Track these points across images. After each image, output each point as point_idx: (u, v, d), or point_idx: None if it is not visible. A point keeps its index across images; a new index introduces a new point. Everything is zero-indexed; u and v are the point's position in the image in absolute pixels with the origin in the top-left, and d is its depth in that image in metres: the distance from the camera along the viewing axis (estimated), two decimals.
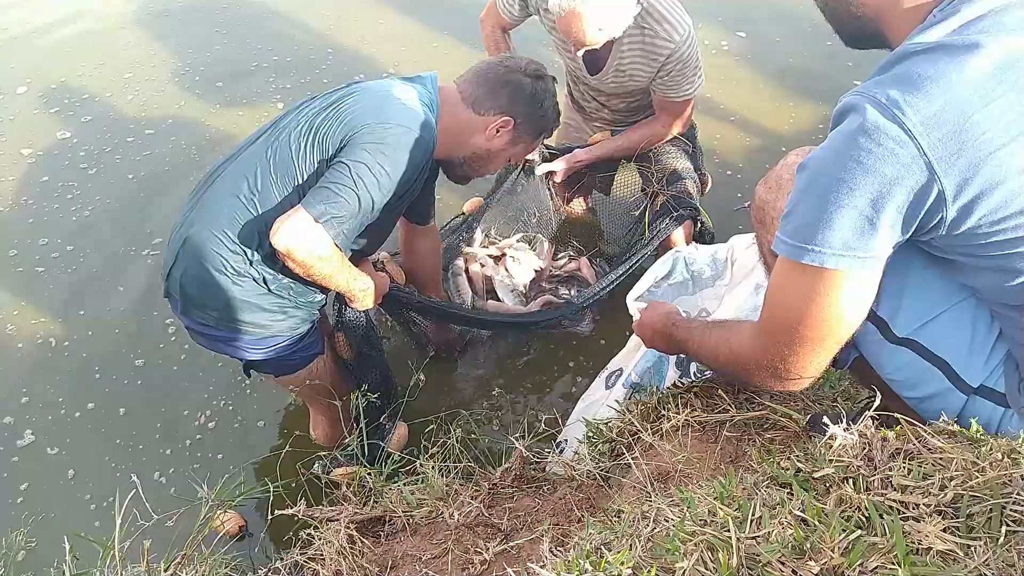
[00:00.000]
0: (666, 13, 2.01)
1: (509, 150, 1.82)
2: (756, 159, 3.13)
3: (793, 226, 0.96)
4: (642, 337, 1.52)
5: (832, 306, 0.97)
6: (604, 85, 2.25)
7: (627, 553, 0.94)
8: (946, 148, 0.85)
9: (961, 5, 0.90)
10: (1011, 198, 0.88)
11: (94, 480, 2.17)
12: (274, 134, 1.65)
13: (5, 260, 2.79)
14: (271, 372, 1.87)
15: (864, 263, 0.93)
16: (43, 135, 3.32)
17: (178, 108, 3.49)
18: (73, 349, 2.52)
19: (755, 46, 3.74)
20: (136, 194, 3.06)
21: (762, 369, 1.09)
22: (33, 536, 1.86)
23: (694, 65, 2.10)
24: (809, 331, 1.00)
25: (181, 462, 2.20)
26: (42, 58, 3.78)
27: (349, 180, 1.52)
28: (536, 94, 1.75)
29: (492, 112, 1.73)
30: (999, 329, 1.07)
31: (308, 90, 3.51)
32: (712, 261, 1.81)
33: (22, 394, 2.38)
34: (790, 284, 1.00)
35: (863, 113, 0.88)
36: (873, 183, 0.88)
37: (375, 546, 1.50)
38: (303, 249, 1.50)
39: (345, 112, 1.60)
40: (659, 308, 1.49)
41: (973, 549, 0.81)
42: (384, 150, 1.54)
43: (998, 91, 0.85)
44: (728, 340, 1.18)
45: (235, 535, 1.90)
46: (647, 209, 2.40)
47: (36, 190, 3.06)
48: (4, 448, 2.24)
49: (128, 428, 2.29)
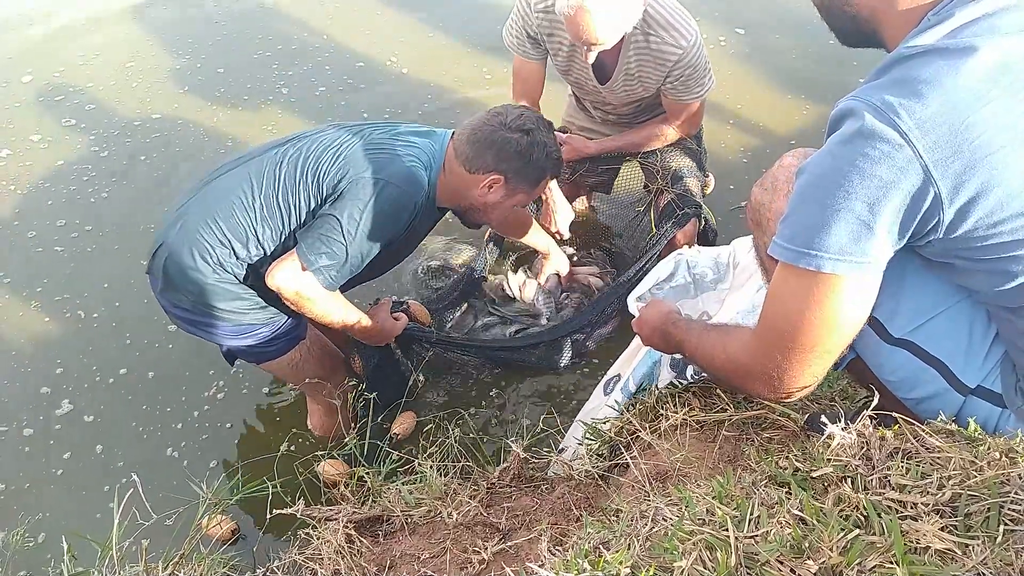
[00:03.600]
0: (672, 20, 2.01)
1: (507, 202, 1.87)
2: (753, 158, 3.12)
3: (790, 231, 0.96)
4: (640, 334, 1.51)
5: (828, 312, 0.96)
6: (614, 94, 2.24)
7: (625, 552, 0.94)
8: (942, 151, 0.85)
9: (955, 9, 0.91)
10: (1007, 201, 0.88)
11: (123, 449, 2.24)
12: (290, 151, 1.73)
13: (24, 241, 2.86)
14: (252, 360, 1.91)
15: (861, 268, 0.93)
16: (50, 122, 3.38)
17: (182, 92, 3.54)
18: (102, 320, 2.58)
19: (754, 44, 3.74)
20: (150, 173, 3.14)
21: (756, 377, 1.09)
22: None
23: (703, 69, 2.10)
24: (804, 338, 0.99)
25: (193, 435, 2.27)
26: (43, 47, 3.82)
27: (339, 235, 1.63)
28: (523, 150, 1.76)
29: (481, 171, 1.77)
30: (996, 330, 1.07)
31: (312, 79, 3.58)
32: (714, 264, 1.81)
33: (56, 365, 2.45)
34: (787, 289, 0.99)
35: (860, 118, 0.88)
36: (870, 187, 0.88)
37: (373, 545, 1.50)
38: (292, 291, 1.66)
39: (347, 157, 1.69)
40: (659, 307, 1.49)
41: (971, 548, 0.81)
42: (373, 207, 1.64)
43: (993, 94, 0.85)
44: (725, 344, 1.17)
45: (228, 540, 1.90)
46: (651, 207, 2.41)
47: (52, 173, 3.13)
48: (44, 418, 2.31)
49: (156, 392, 2.38)
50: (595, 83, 2.23)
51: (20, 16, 4.04)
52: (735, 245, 1.85)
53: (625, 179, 2.59)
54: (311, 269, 1.63)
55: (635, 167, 2.51)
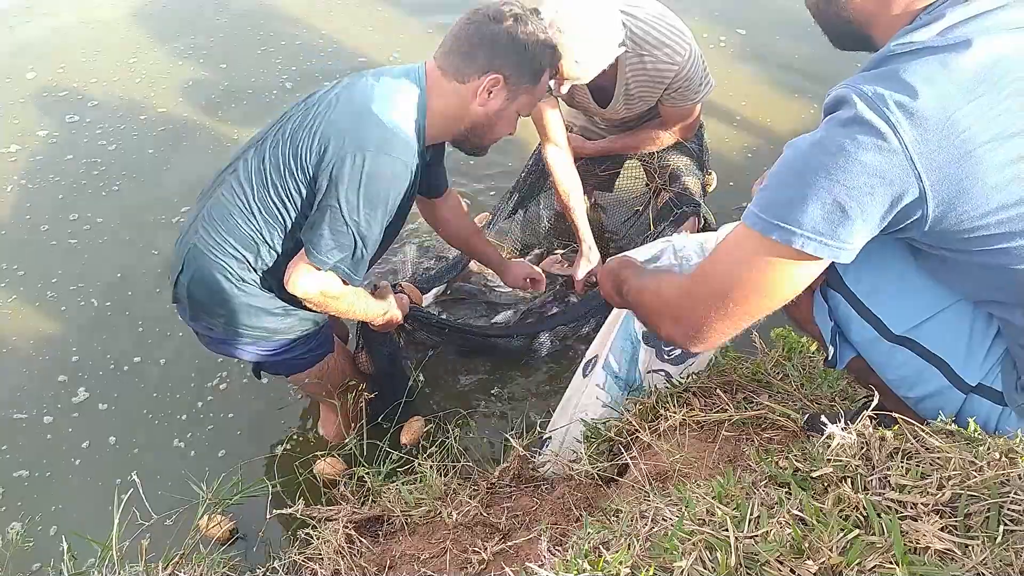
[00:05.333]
0: (663, 38, 1.99)
1: (511, 107, 1.66)
2: (754, 157, 3.13)
3: (767, 201, 0.97)
4: (601, 284, 1.49)
5: (772, 282, 0.98)
6: (618, 114, 2.25)
7: (625, 552, 0.94)
8: (928, 144, 0.86)
9: (946, 9, 0.92)
10: (991, 194, 0.89)
11: (136, 438, 2.28)
12: (268, 143, 1.63)
13: (38, 235, 2.89)
14: (282, 372, 1.89)
15: (829, 250, 0.93)
16: (56, 117, 3.41)
17: (186, 88, 3.57)
18: (116, 309, 2.63)
19: (754, 43, 3.74)
20: (159, 166, 3.18)
21: (677, 320, 1.11)
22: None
23: (699, 77, 2.09)
24: (740, 299, 1.01)
25: (201, 423, 2.31)
26: (45, 44, 3.84)
27: (342, 224, 1.52)
28: (516, 36, 1.56)
29: (477, 75, 1.57)
30: (997, 327, 1.07)
31: (316, 73, 3.59)
32: (700, 248, 1.81)
33: (72, 353, 2.50)
34: (742, 253, 1.00)
35: (852, 105, 0.90)
36: (852, 172, 0.89)
37: (373, 545, 1.50)
38: (316, 294, 1.59)
39: (322, 132, 1.54)
40: (622, 258, 1.49)
41: (971, 548, 0.81)
42: (367, 183, 1.50)
43: (980, 89, 0.87)
44: (659, 284, 1.18)
45: (227, 540, 1.90)
46: (650, 204, 2.41)
47: (62, 168, 3.16)
48: (62, 406, 2.35)
49: (166, 380, 2.43)
50: (597, 107, 2.25)
51: (21, 11, 4.05)
52: (723, 231, 1.85)
53: (626, 178, 2.60)
54: (327, 269, 1.55)
55: (637, 166, 2.52)
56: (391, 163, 1.52)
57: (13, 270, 2.75)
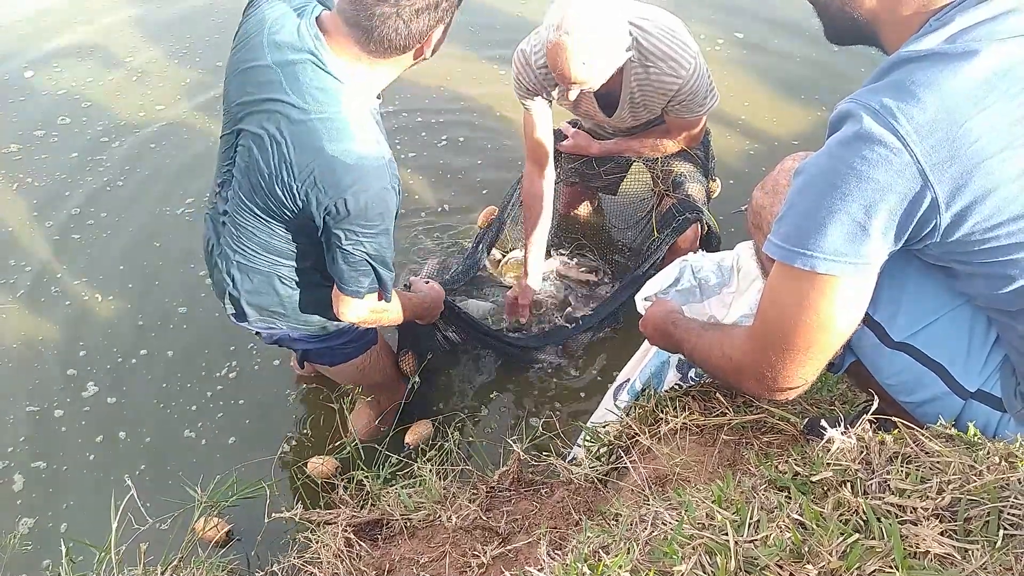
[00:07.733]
0: (668, 51, 1.99)
1: (439, 43, 1.53)
2: (753, 162, 3.13)
3: (786, 230, 0.97)
4: (644, 332, 1.54)
5: (821, 312, 0.97)
6: (624, 122, 2.25)
7: (625, 557, 0.94)
8: (939, 155, 0.86)
9: (956, 14, 0.91)
10: (1003, 205, 0.88)
11: (144, 431, 2.30)
12: (232, 188, 1.60)
13: (43, 231, 2.92)
14: (327, 362, 1.94)
15: (856, 269, 0.93)
16: (55, 116, 3.42)
17: (183, 86, 3.59)
18: (120, 303, 2.66)
19: (754, 47, 3.74)
20: (163, 161, 3.21)
21: (750, 375, 1.09)
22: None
23: (704, 90, 2.09)
24: (798, 337, 1.00)
25: (209, 414, 2.34)
26: (41, 43, 3.85)
27: (355, 258, 1.54)
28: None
29: (421, 38, 1.44)
30: (996, 334, 1.07)
31: None
32: (718, 269, 1.81)
33: (80, 347, 2.52)
34: (782, 289, 1.00)
35: (859, 121, 0.89)
36: (866, 189, 0.88)
37: (372, 549, 1.50)
38: (366, 316, 1.70)
39: (284, 173, 1.46)
40: (663, 306, 1.50)
41: (971, 553, 0.81)
42: (362, 218, 1.48)
43: (991, 98, 0.86)
44: (721, 343, 1.18)
45: (223, 542, 1.90)
46: (653, 210, 2.41)
47: (66, 165, 3.19)
48: (71, 400, 2.38)
49: (174, 371, 2.46)
50: (602, 115, 2.25)
51: (15, 10, 4.06)
52: (739, 249, 1.84)
53: (631, 182, 2.61)
54: (361, 297, 1.63)
55: (643, 171, 2.52)
56: (374, 193, 1.47)
57: (21, 266, 2.78)
